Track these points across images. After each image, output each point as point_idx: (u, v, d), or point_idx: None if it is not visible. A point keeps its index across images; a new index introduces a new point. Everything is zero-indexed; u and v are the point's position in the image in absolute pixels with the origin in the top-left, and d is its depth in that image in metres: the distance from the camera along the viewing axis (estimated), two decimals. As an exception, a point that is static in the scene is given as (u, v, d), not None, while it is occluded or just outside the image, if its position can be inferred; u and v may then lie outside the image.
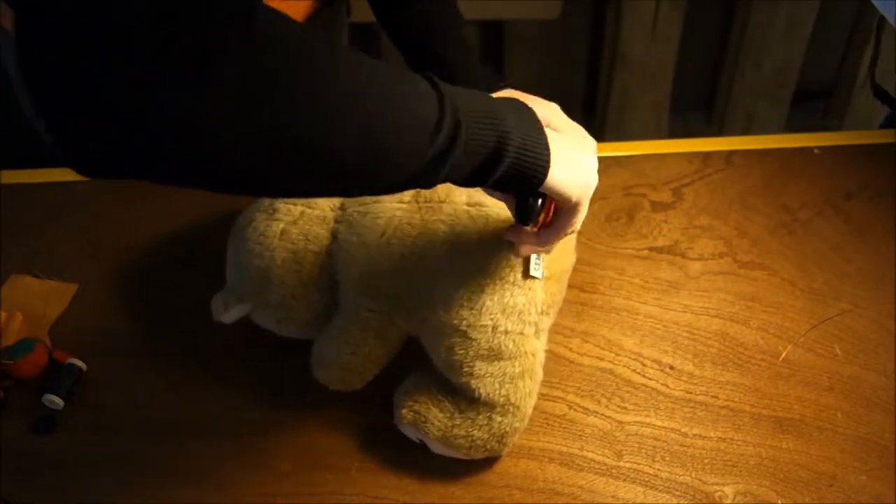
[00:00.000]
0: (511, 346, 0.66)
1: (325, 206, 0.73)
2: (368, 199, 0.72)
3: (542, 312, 0.69)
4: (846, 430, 0.73)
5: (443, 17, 0.86)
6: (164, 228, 0.90)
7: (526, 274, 0.68)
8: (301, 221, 0.72)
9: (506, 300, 0.67)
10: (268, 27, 0.40)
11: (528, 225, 0.61)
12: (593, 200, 0.93)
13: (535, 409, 0.74)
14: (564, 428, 0.73)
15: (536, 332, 0.69)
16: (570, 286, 0.84)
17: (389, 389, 0.71)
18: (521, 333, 0.67)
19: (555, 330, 0.81)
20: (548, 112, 0.60)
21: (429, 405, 0.67)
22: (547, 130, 0.57)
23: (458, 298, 0.66)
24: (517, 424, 0.67)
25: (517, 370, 0.66)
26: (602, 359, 0.78)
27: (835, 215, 0.92)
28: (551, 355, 0.78)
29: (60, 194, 0.95)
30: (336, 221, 0.72)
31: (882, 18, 1.07)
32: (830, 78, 2.14)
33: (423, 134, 0.48)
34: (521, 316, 0.67)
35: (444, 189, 0.71)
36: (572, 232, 0.63)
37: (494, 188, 0.57)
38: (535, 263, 0.69)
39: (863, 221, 0.91)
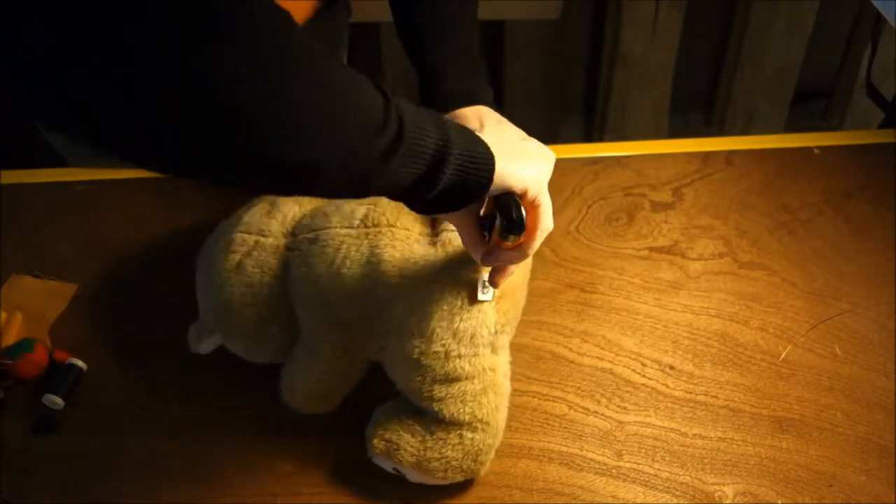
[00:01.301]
0: (467, 367, 0.66)
1: (278, 233, 0.73)
2: (318, 224, 0.71)
3: (496, 332, 0.68)
4: (846, 430, 0.73)
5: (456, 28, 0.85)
6: (164, 228, 0.90)
7: (474, 298, 0.67)
8: (255, 252, 0.71)
9: (455, 325, 0.66)
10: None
11: (521, 232, 0.60)
12: (594, 200, 0.93)
13: (535, 409, 0.74)
14: (564, 428, 0.73)
15: (493, 350, 0.68)
16: (570, 286, 0.84)
17: (390, 389, 0.72)
18: (476, 355, 0.67)
19: (555, 330, 0.81)
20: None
21: (399, 432, 0.66)
22: (484, 136, 0.58)
23: (409, 326, 0.66)
24: (490, 441, 0.66)
25: (478, 387, 0.66)
26: (602, 359, 0.78)
27: (835, 215, 0.92)
28: (551, 355, 0.78)
29: (60, 194, 0.95)
30: (288, 249, 0.72)
31: (879, 18, 1.07)
32: (830, 78, 2.13)
33: (369, 128, 0.48)
34: (474, 339, 0.66)
35: (394, 213, 0.70)
36: (546, 231, 0.62)
37: (447, 206, 0.57)
38: (483, 288, 0.68)
39: (863, 221, 0.91)
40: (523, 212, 0.59)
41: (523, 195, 0.59)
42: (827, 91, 2.16)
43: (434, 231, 0.72)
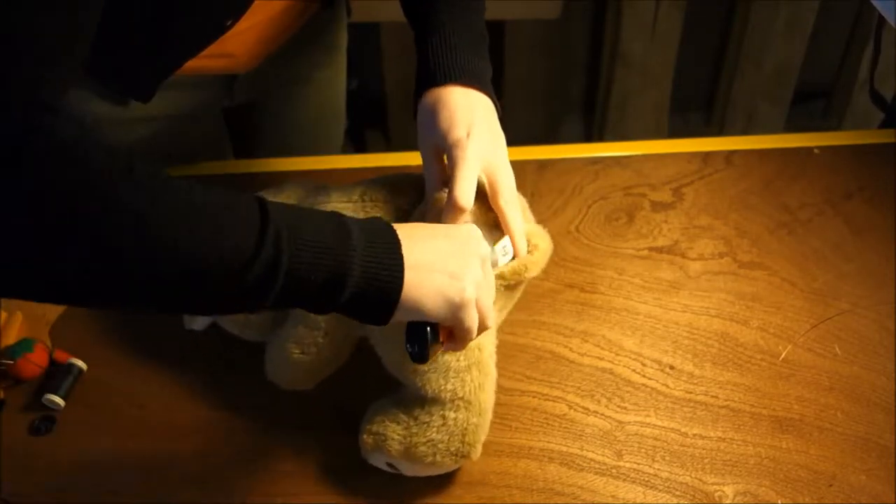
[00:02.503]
0: None
1: None
2: (320, 196, 0.73)
3: None
4: (846, 430, 0.73)
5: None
6: (164, 228, 0.90)
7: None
8: None
9: None
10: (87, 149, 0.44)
11: (424, 363, 0.59)
12: (594, 200, 0.93)
13: (534, 409, 0.74)
14: (564, 428, 0.73)
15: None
16: (569, 286, 0.84)
17: (389, 388, 0.72)
18: None
19: (555, 330, 0.81)
20: (492, 152, 0.65)
21: (385, 422, 0.67)
22: (412, 245, 0.55)
23: None
24: (474, 419, 0.66)
25: (462, 364, 0.66)
26: (602, 359, 0.78)
27: (835, 215, 0.92)
28: (551, 355, 0.78)
29: (60, 194, 0.94)
30: None
31: (882, 22, 1.07)
32: (830, 78, 2.14)
33: (236, 262, 0.48)
34: None
35: (391, 191, 0.71)
36: (476, 334, 0.59)
37: (352, 315, 0.55)
38: (503, 255, 0.67)
39: (863, 221, 0.91)
40: (428, 337, 0.57)
41: (434, 318, 0.57)
42: (827, 91, 2.16)
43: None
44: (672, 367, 0.78)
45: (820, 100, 2.18)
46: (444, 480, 0.69)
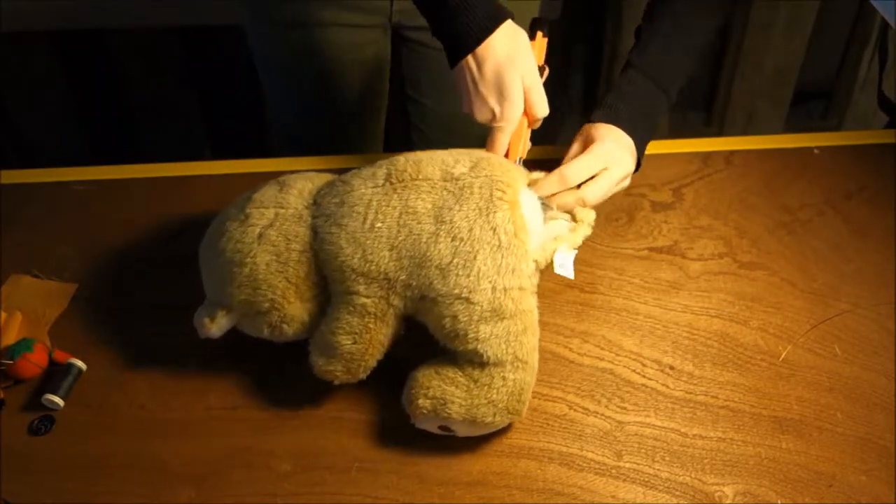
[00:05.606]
0: (511, 304, 0.67)
1: (299, 205, 0.73)
2: (341, 188, 0.72)
3: (533, 272, 0.71)
4: (846, 430, 0.73)
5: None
6: (164, 228, 0.90)
7: (509, 234, 0.68)
8: (277, 223, 0.72)
9: (498, 262, 0.68)
10: None
11: None
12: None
13: (534, 409, 0.74)
14: (564, 428, 0.73)
15: (532, 291, 0.70)
16: (570, 286, 0.84)
17: (389, 388, 0.72)
18: (521, 288, 0.68)
19: (555, 330, 0.81)
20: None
21: (443, 387, 0.68)
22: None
23: (454, 268, 0.67)
24: (529, 379, 0.68)
25: (520, 327, 0.68)
26: (602, 359, 0.78)
27: (835, 215, 0.92)
28: (551, 355, 0.78)
29: (60, 194, 0.95)
30: (313, 217, 0.72)
31: (887, 28, 1.06)
32: (830, 78, 2.13)
33: None
34: (515, 273, 0.68)
35: (414, 167, 0.71)
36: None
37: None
38: (561, 263, 0.72)
39: (863, 221, 0.91)
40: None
41: None
42: (827, 91, 2.16)
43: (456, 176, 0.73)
44: (672, 368, 0.78)
45: (820, 100, 2.18)
46: (444, 480, 0.69)
